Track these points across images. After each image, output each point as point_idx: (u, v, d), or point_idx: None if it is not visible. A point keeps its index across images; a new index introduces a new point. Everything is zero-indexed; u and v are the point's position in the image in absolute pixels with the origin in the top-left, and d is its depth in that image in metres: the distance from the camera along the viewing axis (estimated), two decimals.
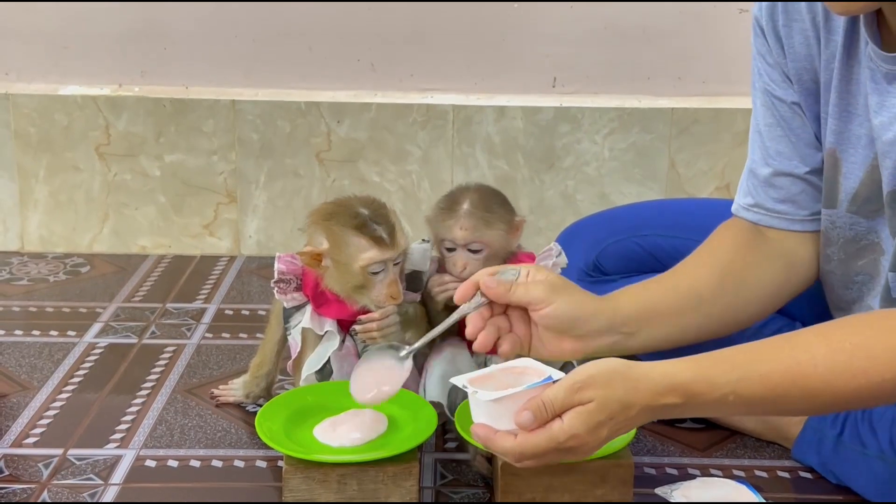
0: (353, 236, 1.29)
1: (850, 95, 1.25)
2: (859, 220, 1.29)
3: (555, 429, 1.05)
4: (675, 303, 1.28)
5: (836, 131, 1.27)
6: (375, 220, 1.30)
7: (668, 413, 1.09)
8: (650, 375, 1.07)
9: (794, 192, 1.34)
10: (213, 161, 2.15)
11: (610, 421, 1.06)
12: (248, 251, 2.20)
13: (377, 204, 1.33)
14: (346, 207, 1.32)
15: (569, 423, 1.04)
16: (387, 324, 1.33)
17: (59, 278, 2.04)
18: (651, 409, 1.07)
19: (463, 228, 1.32)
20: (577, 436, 1.05)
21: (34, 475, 1.33)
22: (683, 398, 1.07)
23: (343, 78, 2.16)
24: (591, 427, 1.05)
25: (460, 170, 2.15)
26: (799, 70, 1.30)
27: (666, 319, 1.27)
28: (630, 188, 2.14)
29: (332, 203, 1.35)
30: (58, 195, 2.16)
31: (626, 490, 1.24)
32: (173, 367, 1.65)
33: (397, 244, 1.30)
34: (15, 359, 1.67)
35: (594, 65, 2.15)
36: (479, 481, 1.33)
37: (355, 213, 1.30)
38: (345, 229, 1.29)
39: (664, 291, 1.29)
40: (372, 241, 1.28)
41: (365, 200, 1.33)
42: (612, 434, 1.07)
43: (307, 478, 1.21)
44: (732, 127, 2.12)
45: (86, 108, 2.12)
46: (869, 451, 1.27)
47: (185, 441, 1.42)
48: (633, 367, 1.07)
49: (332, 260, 1.31)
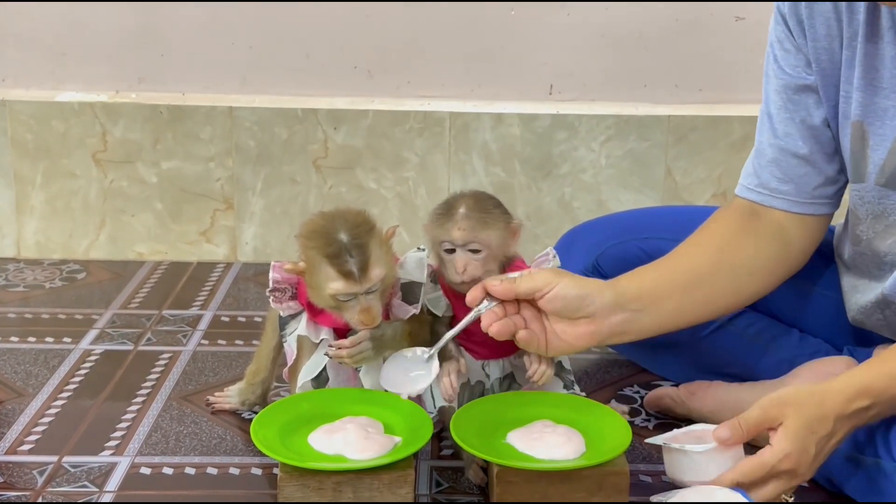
0: (325, 265, 1.26)
1: (875, 70, 1.30)
2: (888, 193, 1.33)
3: (766, 455, 1.14)
4: (677, 281, 1.35)
5: (863, 104, 1.32)
6: (351, 250, 1.26)
7: (863, 417, 1.18)
8: (834, 387, 1.18)
9: (798, 174, 1.39)
10: (210, 168, 2.15)
11: (812, 435, 1.15)
12: (244, 258, 2.19)
13: (361, 229, 1.29)
14: (326, 230, 1.28)
15: (776, 444, 1.13)
16: (357, 351, 1.32)
17: (56, 285, 2.04)
18: (846, 416, 1.16)
19: (461, 229, 1.32)
20: (788, 455, 1.13)
21: (29, 482, 1.32)
22: (871, 398, 1.17)
23: (340, 85, 2.16)
24: (798, 443, 1.14)
25: (457, 177, 2.15)
26: (818, 51, 1.35)
27: (670, 297, 1.33)
28: (627, 195, 2.14)
29: (320, 218, 1.32)
30: (54, 201, 2.16)
31: (622, 498, 1.23)
32: (169, 374, 1.64)
33: (367, 279, 1.27)
34: (10, 365, 1.67)
35: (591, 72, 2.15)
36: (474, 489, 1.33)
37: (332, 241, 1.27)
38: (319, 256, 1.27)
39: (664, 272, 1.35)
40: (341, 273, 1.26)
41: (352, 221, 1.29)
42: (819, 451, 1.16)
43: (302, 485, 1.21)
44: (729, 135, 2.13)
45: (83, 115, 2.12)
46: (867, 457, 1.27)
47: (181, 448, 1.42)
48: (817, 385, 1.19)
49: (307, 280, 1.30)
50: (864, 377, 1.20)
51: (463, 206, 1.33)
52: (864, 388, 1.18)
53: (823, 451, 1.17)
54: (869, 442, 1.27)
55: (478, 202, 1.34)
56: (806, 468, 1.16)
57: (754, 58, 2.13)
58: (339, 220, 1.29)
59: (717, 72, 2.15)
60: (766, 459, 1.14)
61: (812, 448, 1.15)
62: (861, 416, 1.18)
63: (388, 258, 1.31)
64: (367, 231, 1.29)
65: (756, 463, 1.15)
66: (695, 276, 1.35)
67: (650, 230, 1.60)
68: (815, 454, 1.16)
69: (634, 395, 1.60)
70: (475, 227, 1.32)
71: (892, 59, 1.28)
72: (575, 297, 1.25)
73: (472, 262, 1.32)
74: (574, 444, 1.26)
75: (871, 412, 1.18)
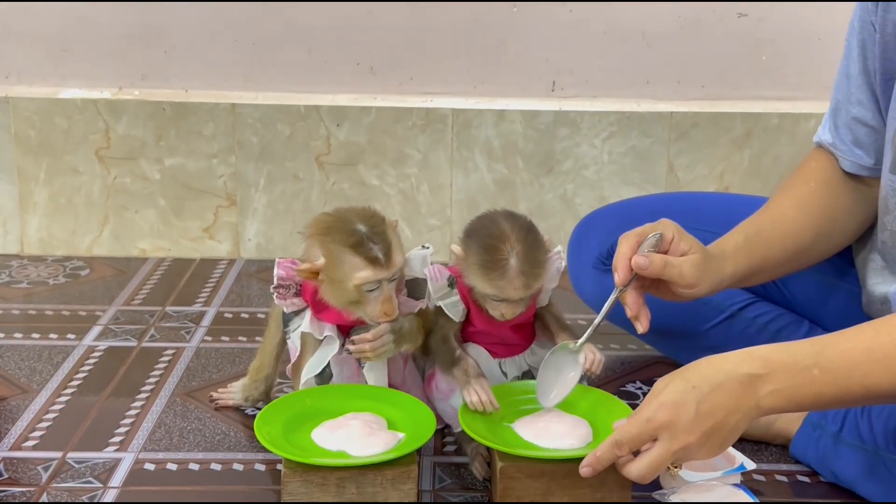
0: (349, 255, 1.27)
1: None
2: None
3: (642, 409, 1.11)
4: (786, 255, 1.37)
5: None
6: (372, 238, 1.27)
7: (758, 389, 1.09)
8: (730, 354, 1.13)
9: (868, 142, 1.39)
10: (212, 164, 2.15)
11: (693, 390, 1.09)
12: (247, 254, 2.20)
13: (375, 219, 1.30)
14: (343, 223, 1.30)
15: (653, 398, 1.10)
16: (380, 343, 1.32)
17: (59, 281, 2.04)
18: (737, 379, 1.09)
19: (517, 288, 1.26)
20: (663, 405, 1.09)
21: (33, 478, 1.33)
22: (765, 367, 1.09)
23: (343, 82, 2.16)
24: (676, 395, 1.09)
25: (459, 173, 2.15)
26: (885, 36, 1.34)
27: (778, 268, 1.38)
28: (629, 192, 2.14)
29: (330, 216, 1.33)
30: (58, 198, 2.16)
31: (625, 494, 1.24)
32: (172, 371, 1.65)
33: (393, 263, 1.28)
34: (14, 362, 1.67)
35: (593, 69, 2.16)
36: (477, 485, 1.33)
37: (352, 231, 1.28)
38: (341, 247, 1.27)
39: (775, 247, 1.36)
40: (367, 260, 1.27)
41: (363, 214, 1.31)
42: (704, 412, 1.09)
43: (306, 481, 1.21)
44: (731, 131, 2.13)
45: (86, 112, 2.12)
46: (867, 447, 1.27)
47: (184, 444, 1.42)
48: None
49: (327, 276, 1.30)
50: (765, 348, 1.14)
51: (514, 259, 1.25)
52: (760, 355, 1.12)
53: (712, 417, 1.09)
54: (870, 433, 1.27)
55: (528, 251, 1.26)
56: (687, 426, 1.09)
57: (756, 54, 2.13)
58: (351, 213, 1.31)
59: (719, 68, 2.15)
60: (642, 412, 1.11)
61: (691, 403, 1.09)
62: (755, 387, 1.10)
63: (402, 247, 1.33)
64: (380, 221, 1.31)
65: (633, 419, 1.12)
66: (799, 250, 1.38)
67: (661, 217, 1.60)
68: (696, 412, 1.09)
69: (636, 392, 1.60)
70: (529, 284, 1.26)
71: None
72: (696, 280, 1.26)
73: (519, 307, 1.30)
74: (580, 434, 1.26)
75: (767, 385, 1.10)
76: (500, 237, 1.26)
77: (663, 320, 1.31)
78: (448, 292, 1.34)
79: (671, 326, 1.35)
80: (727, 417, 1.10)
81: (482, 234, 1.27)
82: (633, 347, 1.75)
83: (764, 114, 2.12)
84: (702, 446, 1.11)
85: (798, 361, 1.10)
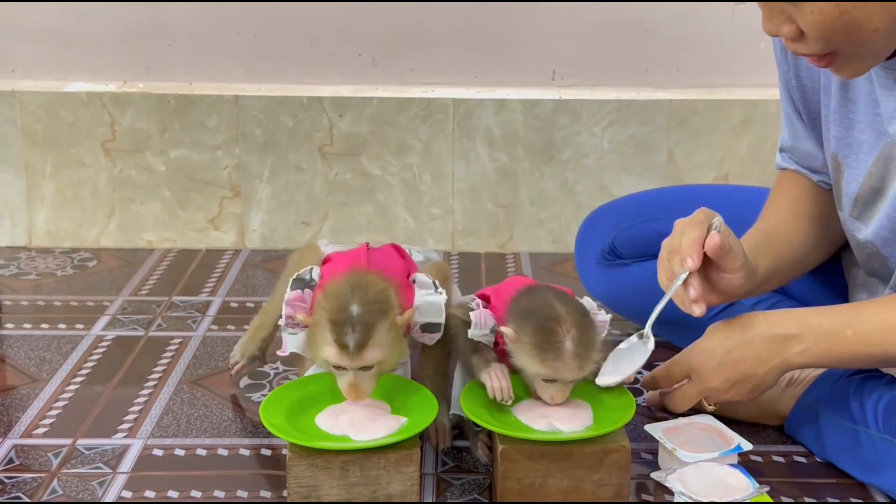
0: (326, 330, 1.25)
1: (851, 102, 1.29)
2: (859, 226, 1.33)
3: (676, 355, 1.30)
4: (791, 260, 1.42)
5: (838, 137, 1.32)
6: (355, 325, 1.23)
7: (790, 347, 1.21)
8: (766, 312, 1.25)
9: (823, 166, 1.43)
10: (217, 156, 2.17)
11: (725, 340, 1.24)
12: (252, 245, 2.22)
13: (377, 306, 1.25)
14: (341, 297, 1.25)
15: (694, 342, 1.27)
16: None
17: (67, 273, 2.06)
18: (770, 336, 1.22)
19: (571, 370, 1.26)
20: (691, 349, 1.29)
21: (44, 465, 1.35)
22: (799, 327, 1.21)
23: (344, 73, 2.18)
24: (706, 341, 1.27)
25: (461, 163, 2.17)
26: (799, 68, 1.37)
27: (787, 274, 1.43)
28: (629, 179, 2.16)
29: (345, 281, 1.28)
30: (64, 191, 2.18)
31: (623, 475, 1.26)
32: (179, 359, 1.67)
33: (361, 358, 1.24)
34: (24, 352, 1.70)
35: (593, 58, 2.17)
36: (479, 467, 1.35)
37: (341, 308, 1.24)
38: (324, 317, 1.25)
39: (783, 252, 1.40)
40: (336, 343, 1.24)
41: (370, 297, 1.25)
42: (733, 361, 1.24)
43: (311, 465, 1.23)
44: (730, 118, 2.14)
45: (91, 105, 2.14)
46: (858, 427, 1.29)
47: (192, 430, 1.45)
48: None
49: (310, 332, 1.29)
50: (802, 310, 1.24)
51: (570, 342, 1.24)
52: (796, 316, 1.23)
53: (738, 367, 1.23)
54: (861, 413, 1.29)
55: (583, 334, 1.26)
56: (712, 371, 1.25)
57: (754, 42, 2.14)
58: (359, 290, 1.26)
59: (718, 56, 2.17)
60: (679, 354, 1.29)
61: (720, 351, 1.24)
62: (788, 346, 1.21)
63: (395, 344, 1.28)
64: (379, 311, 1.25)
65: (671, 360, 1.31)
66: (807, 247, 1.43)
67: (663, 211, 1.62)
68: (721, 361, 1.24)
69: (636, 377, 1.62)
70: (584, 367, 1.27)
71: (867, 94, 1.26)
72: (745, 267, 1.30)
73: (568, 390, 1.29)
74: (581, 417, 1.28)
75: (798, 345, 1.20)
76: (556, 320, 1.25)
77: (666, 310, 1.34)
78: (486, 336, 1.34)
79: (674, 316, 1.38)
80: (754, 368, 1.23)
81: (537, 316, 1.26)
82: (632, 334, 1.77)
83: (762, 101, 2.14)
84: (728, 390, 1.26)
85: (833, 323, 1.21)
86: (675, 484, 1.23)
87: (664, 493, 1.29)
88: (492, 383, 1.30)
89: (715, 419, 1.35)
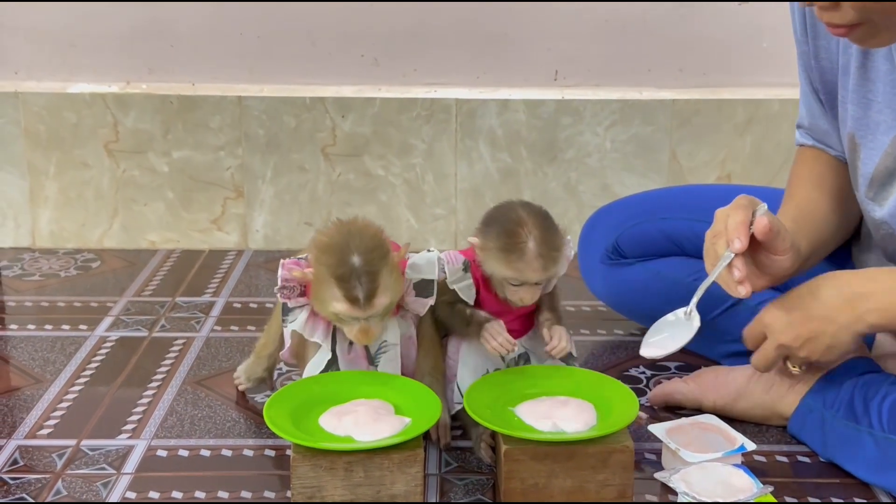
0: (333, 285, 1.27)
1: (869, 82, 1.31)
2: (874, 208, 1.34)
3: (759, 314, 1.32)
4: (825, 238, 1.44)
5: (855, 117, 1.33)
6: (361, 276, 1.25)
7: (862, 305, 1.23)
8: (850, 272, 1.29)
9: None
10: (220, 157, 2.18)
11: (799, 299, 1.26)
12: (255, 245, 2.22)
13: (375, 253, 1.27)
14: (340, 250, 1.27)
15: None
16: None
17: (70, 274, 2.07)
18: (840, 294, 1.23)
19: (535, 270, 1.29)
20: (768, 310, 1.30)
21: (48, 465, 1.36)
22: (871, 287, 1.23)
23: (347, 73, 2.18)
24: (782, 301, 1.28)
25: (464, 163, 2.17)
26: (818, 49, 1.38)
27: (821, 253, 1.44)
28: (632, 179, 2.16)
29: (336, 232, 1.30)
30: (68, 192, 2.19)
31: (627, 475, 1.26)
32: (183, 360, 1.67)
33: (373, 307, 1.27)
34: (28, 353, 1.70)
35: (595, 58, 2.17)
36: (482, 468, 1.35)
37: (343, 262, 1.26)
38: (327, 273, 1.27)
39: (817, 231, 1.42)
40: (346, 297, 1.26)
41: (366, 244, 1.27)
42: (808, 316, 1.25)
43: (315, 465, 1.23)
44: (733, 118, 2.14)
45: (94, 106, 2.15)
46: (861, 427, 1.29)
47: (195, 431, 1.45)
48: None
49: (313, 290, 1.31)
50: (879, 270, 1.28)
51: (532, 242, 1.29)
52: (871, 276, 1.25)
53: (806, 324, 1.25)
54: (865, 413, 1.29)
55: (545, 234, 1.30)
56: (783, 328, 1.27)
57: (757, 41, 2.15)
58: (355, 239, 1.28)
59: (721, 56, 2.17)
60: (758, 316, 1.30)
61: (792, 308, 1.26)
62: (857, 304, 1.22)
63: (397, 285, 1.30)
64: (379, 257, 1.27)
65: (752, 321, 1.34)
66: (831, 231, 1.44)
67: (667, 211, 1.62)
68: (791, 317, 1.26)
69: (640, 376, 1.62)
70: (548, 266, 1.30)
71: (886, 74, 1.28)
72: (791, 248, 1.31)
73: (537, 292, 1.33)
74: (584, 417, 1.28)
75: (868, 303, 1.22)
76: (518, 222, 1.30)
77: (671, 310, 1.34)
78: (462, 276, 1.37)
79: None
80: (823, 326, 1.24)
81: (500, 221, 1.31)
82: (636, 333, 1.77)
83: (765, 100, 2.14)
84: (801, 348, 1.27)
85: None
86: (679, 484, 1.23)
87: (668, 494, 1.29)
88: (490, 344, 1.33)
89: (718, 419, 1.36)
